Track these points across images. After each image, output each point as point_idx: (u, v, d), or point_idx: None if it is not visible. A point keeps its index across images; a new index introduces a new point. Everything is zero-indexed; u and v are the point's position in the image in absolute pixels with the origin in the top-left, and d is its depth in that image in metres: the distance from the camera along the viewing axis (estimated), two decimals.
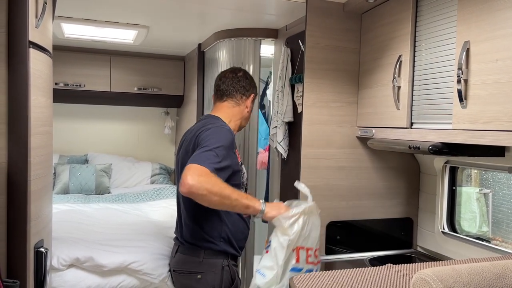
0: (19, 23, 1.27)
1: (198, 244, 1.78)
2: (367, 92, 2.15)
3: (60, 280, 2.04)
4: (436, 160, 2.18)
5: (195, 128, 1.85)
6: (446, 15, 1.67)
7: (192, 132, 1.84)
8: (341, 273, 1.34)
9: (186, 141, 1.85)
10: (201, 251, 1.76)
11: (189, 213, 1.80)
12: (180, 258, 1.83)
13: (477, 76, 1.46)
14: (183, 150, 1.85)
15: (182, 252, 1.83)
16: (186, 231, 1.81)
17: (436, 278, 0.86)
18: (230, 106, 1.95)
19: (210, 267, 1.75)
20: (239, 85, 1.95)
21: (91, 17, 2.74)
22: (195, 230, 1.78)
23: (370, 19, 2.14)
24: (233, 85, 1.94)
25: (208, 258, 1.76)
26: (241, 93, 1.96)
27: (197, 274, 1.76)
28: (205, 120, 1.89)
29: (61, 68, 3.68)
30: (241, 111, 1.96)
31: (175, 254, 1.87)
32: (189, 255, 1.79)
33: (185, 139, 1.88)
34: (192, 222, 1.79)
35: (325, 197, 2.21)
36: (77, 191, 3.75)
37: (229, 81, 1.95)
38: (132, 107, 4.37)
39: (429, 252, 2.30)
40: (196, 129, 1.83)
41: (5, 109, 1.28)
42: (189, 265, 1.79)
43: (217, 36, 3.04)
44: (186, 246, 1.82)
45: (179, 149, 1.92)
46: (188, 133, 1.90)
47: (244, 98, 1.97)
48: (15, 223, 1.30)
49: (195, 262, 1.77)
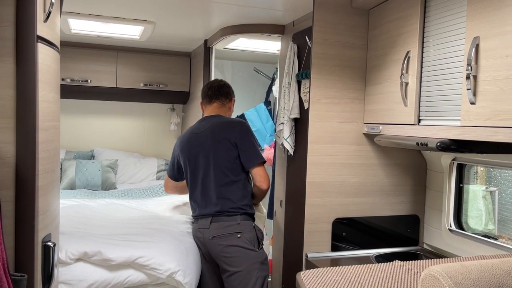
0: (27, 18, 1.27)
1: (235, 212, 2.29)
2: (374, 89, 2.14)
3: (68, 274, 2.04)
4: (443, 157, 2.17)
5: (217, 125, 2.38)
6: (455, 11, 1.66)
7: (213, 130, 2.36)
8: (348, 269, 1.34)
9: (211, 139, 2.34)
10: (237, 216, 2.29)
11: (227, 192, 2.31)
12: (219, 225, 2.28)
13: (487, 72, 1.45)
14: (212, 144, 2.33)
15: (219, 220, 2.29)
16: (222, 205, 2.30)
17: (446, 274, 0.86)
18: (218, 106, 2.50)
19: (245, 227, 2.28)
20: (223, 90, 2.51)
21: (98, 12, 2.74)
22: (233, 202, 2.30)
23: (377, 15, 2.12)
24: (218, 90, 2.50)
25: (243, 220, 2.29)
26: (225, 96, 2.51)
27: (237, 234, 2.26)
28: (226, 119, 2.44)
29: (68, 63, 3.69)
30: (225, 111, 2.52)
31: (210, 225, 2.30)
32: (228, 221, 2.27)
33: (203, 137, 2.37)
34: (229, 198, 2.30)
35: (331, 193, 2.21)
36: (83, 187, 3.77)
37: (215, 88, 2.51)
38: (138, 103, 4.38)
39: (435, 249, 2.29)
40: (222, 127, 2.37)
41: (13, 103, 1.28)
42: (230, 229, 2.27)
43: (223, 32, 3.04)
44: (224, 215, 2.29)
45: (192, 146, 2.39)
46: (202, 131, 2.39)
47: (227, 100, 2.52)
48: (23, 218, 1.31)
49: (233, 225, 2.27)
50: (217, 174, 2.31)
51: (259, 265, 2.25)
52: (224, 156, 2.31)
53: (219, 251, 2.26)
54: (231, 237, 2.25)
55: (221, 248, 2.26)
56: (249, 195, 2.36)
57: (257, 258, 2.25)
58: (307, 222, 2.19)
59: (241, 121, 2.42)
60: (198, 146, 2.37)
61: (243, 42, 3.27)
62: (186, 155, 2.42)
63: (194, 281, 2.23)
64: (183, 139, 2.47)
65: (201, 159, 2.35)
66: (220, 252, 2.26)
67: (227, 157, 2.31)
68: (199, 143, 2.37)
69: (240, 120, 2.45)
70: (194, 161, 2.38)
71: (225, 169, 2.30)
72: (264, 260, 2.30)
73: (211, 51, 3.50)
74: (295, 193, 2.53)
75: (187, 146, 2.42)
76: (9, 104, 1.28)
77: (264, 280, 2.27)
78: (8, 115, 1.28)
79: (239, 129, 2.34)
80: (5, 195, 1.26)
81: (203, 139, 2.36)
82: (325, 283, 1.24)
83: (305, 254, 2.19)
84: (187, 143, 2.43)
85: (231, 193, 2.30)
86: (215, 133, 2.34)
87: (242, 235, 2.25)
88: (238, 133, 2.32)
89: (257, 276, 2.23)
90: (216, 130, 2.35)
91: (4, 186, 1.27)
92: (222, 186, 2.30)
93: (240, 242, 2.24)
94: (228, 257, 2.24)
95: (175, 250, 2.22)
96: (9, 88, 1.27)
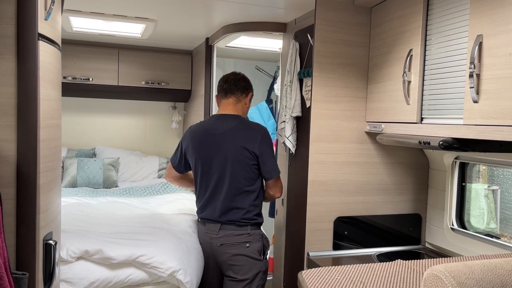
0: (28, 15, 1.26)
1: (247, 223, 2.28)
2: (377, 87, 2.13)
3: (69, 273, 2.04)
4: (446, 156, 2.16)
5: (238, 131, 2.28)
6: (458, 8, 1.65)
7: (233, 136, 2.27)
8: (350, 268, 1.33)
9: (231, 146, 2.26)
10: (248, 227, 2.27)
11: (240, 202, 2.27)
12: (228, 234, 2.27)
13: (490, 71, 1.44)
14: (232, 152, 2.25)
15: (229, 229, 2.28)
16: (234, 214, 2.27)
17: (449, 274, 0.85)
18: (233, 102, 2.37)
19: (254, 237, 2.28)
20: (239, 85, 2.37)
21: (99, 10, 2.74)
22: (245, 212, 2.27)
23: (380, 13, 2.12)
24: (234, 85, 2.36)
25: (253, 230, 2.29)
26: (241, 91, 2.37)
27: (246, 243, 2.26)
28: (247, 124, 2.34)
29: (69, 61, 3.69)
30: (242, 107, 2.39)
31: (219, 231, 2.29)
32: (238, 231, 2.27)
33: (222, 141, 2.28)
34: (242, 207, 2.27)
35: (333, 192, 2.20)
36: (85, 185, 3.77)
37: (231, 82, 2.37)
38: (140, 101, 4.38)
39: (437, 248, 2.29)
40: (243, 134, 2.27)
41: (15, 101, 1.27)
42: (239, 238, 2.26)
43: (225, 29, 3.03)
44: (235, 224, 2.27)
45: (206, 148, 2.30)
46: (219, 133, 2.29)
47: (243, 96, 2.39)
48: (24, 216, 1.30)
49: (244, 235, 2.26)
50: (232, 182, 2.25)
51: (262, 274, 2.30)
52: (243, 166, 2.25)
53: (226, 259, 2.27)
54: (240, 246, 2.26)
55: (229, 256, 2.26)
56: (261, 204, 2.35)
57: (262, 267, 2.29)
58: (309, 221, 2.18)
59: (262, 129, 2.31)
60: (214, 150, 2.28)
61: (245, 40, 3.26)
62: (198, 155, 2.32)
63: (195, 281, 2.22)
64: (195, 135, 2.35)
65: (216, 164, 2.28)
66: (227, 260, 2.27)
67: (246, 167, 2.25)
68: (216, 147, 2.28)
69: (261, 127, 2.33)
70: (208, 164, 2.30)
71: (242, 179, 2.25)
72: (266, 269, 2.34)
73: (212, 49, 3.50)
74: (296, 192, 2.52)
75: (201, 146, 2.32)
76: (10, 102, 1.27)
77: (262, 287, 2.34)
78: (9, 113, 1.27)
79: (260, 139, 2.26)
80: (6, 193, 1.26)
81: (221, 144, 2.27)
82: (327, 282, 1.23)
83: (306, 252, 2.19)
84: (200, 142, 2.32)
85: (244, 203, 2.27)
86: (235, 140, 2.25)
87: (250, 245, 2.26)
88: (259, 143, 2.25)
89: (258, 284, 2.28)
90: (236, 136, 2.26)
91: (5, 184, 1.27)
92: (235, 195, 2.26)
93: (248, 252, 2.25)
94: (234, 265, 2.26)
95: (176, 249, 2.22)
96: (10, 86, 1.27)
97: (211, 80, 3.53)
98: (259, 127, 2.33)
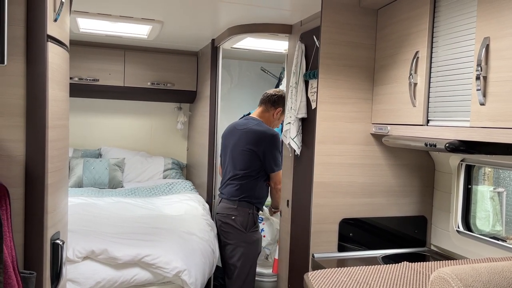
0: (38, 17, 1.28)
1: (235, 199, 2.90)
2: (383, 89, 2.13)
3: (75, 272, 2.06)
4: (451, 158, 2.16)
5: (251, 133, 2.93)
6: (465, 11, 1.65)
7: (246, 134, 2.93)
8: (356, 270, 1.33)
9: (243, 140, 2.92)
10: (236, 202, 2.89)
11: (238, 184, 2.90)
12: (222, 206, 2.94)
13: (497, 73, 1.44)
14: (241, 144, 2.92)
15: (224, 202, 2.94)
16: (230, 191, 2.92)
17: (456, 276, 0.85)
18: (262, 110, 3.07)
19: (241, 212, 2.87)
20: (271, 99, 3.05)
21: (106, 12, 2.75)
22: (238, 192, 2.90)
23: (386, 15, 2.11)
24: (268, 98, 3.06)
25: (241, 207, 2.88)
26: (271, 104, 3.04)
27: (232, 216, 2.88)
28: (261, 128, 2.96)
29: (76, 62, 3.71)
30: (269, 117, 3.05)
31: (219, 203, 2.99)
32: (229, 204, 2.91)
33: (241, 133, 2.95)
34: (238, 188, 2.90)
35: (338, 194, 2.20)
36: (91, 185, 3.79)
37: (266, 95, 3.09)
38: (145, 102, 4.39)
39: (443, 251, 2.28)
40: (253, 136, 2.92)
41: (23, 102, 1.29)
42: (228, 210, 2.91)
43: (230, 31, 3.04)
44: (227, 199, 2.92)
45: (229, 137, 3.01)
46: (241, 129, 2.98)
47: (272, 108, 3.04)
48: (32, 215, 1.31)
49: (231, 208, 2.89)
50: (235, 166, 2.91)
51: (245, 244, 2.87)
52: (245, 158, 2.89)
53: (219, 225, 2.97)
54: (228, 217, 2.90)
55: (220, 223, 2.96)
56: (257, 190, 2.91)
57: (245, 238, 2.87)
58: (314, 222, 2.18)
59: (270, 136, 2.90)
60: (232, 140, 2.97)
61: (250, 42, 3.27)
62: (223, 142, 3.07)
63: (200, 281, 2.23)
64: (227, 128, 3.10)
65: (229, 150, 2.97)
66: (219, 226, 2.97)
67: (248, 159, 2.89)
68: (235, 138, 2.96)
69: (271, 134, 2.90)
70: (226, 150, 3.00)
71: (243, 167, 2.89)
72: (253, 242, 2.89)
73: (218, 51, 3.50)
74: (301, 193, 2.52)
75: (227, 135, 3.05)
76: (19, 103, 1.28)
77: (247, 257, 2.88)
78: (18, 114, 1.28)
79: (265, 145, 2.87)
80: (15, 193, 1.27)
81: (237, 136, 2.95)
82: (333, 284, 1.23)
83: (311, 254, 2.19)
84: (228, 132, 3.06)
85: (242, 185, 2.89)
86: (248, 137, 2.91)
87: (236, 218, 2.87)
88: (263, 148, 2.86)
89: (242, 252, 2.86)
90: (249, 135, 2.91)
91: (14, 184, 1.28)
92: (236, 177, 2.90)
93: (233, 222, 2.88)
94: (224, 231, 2.94)
95: (181, 249, 2.23)
96: (20, 87, 1.28)
97: (217, 81, 3.54)
98: (269, 135, 2.92)
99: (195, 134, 4.23)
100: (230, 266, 2.93)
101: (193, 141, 4.33)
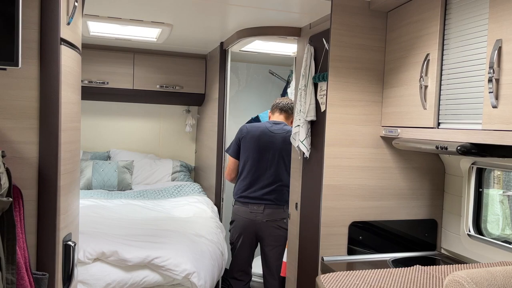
0: (51, 20, 1.29)
1: (283, 202, 3.08)
2: (393, 91, 2.12)
3: (86, 274, 2.07)
4: (462, 161, 2.14)
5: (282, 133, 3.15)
6: (477, 13, 1.64)
7: (284, 138, 3.12)
8: (369, 273, 1.33)
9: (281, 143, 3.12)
10: (284, 206, 3.08)
11: (284, 187, 3.09)
12: (271, 212, 3.09)
13: (509, 76, 1.43)
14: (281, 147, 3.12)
15: (271, 208, 3.10)
16: (278, 195, 3.10)
17: (471, 280, 0.84)
18: (284, 118, 3.23)
19: (287, 213, 2.91)
20: (291, 107, 3.20)
21: (116, 15, 2.77)
22: (284, 194, 3.09)
23: (396, 17, 2.11)
24: (288, 106, 3.23)
25: (287, 208, 2.98)
26: (291, 112, 3.18)
27: (284, 219, 3.05)
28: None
29: (86, 65, 3.73)
30: (289, 123, 3.21)
31: (264, 210, 3.10)
32: (277, 209, 3.10)
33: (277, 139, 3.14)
34: (284, 190, 3.10)
35: (347, 197, 2.19)
36: (100, 187, 3.81)
37: (285, 104, 3.24)
38: (154, 105, 4.41)
39: (453, 254, 2.26)
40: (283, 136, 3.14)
41: (37, 104, 1.30)
42: (277, 215, 3.09)
43: (239, 34, 3.05)
44: (275, 204, 3.10)
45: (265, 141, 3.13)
46: (276, 133, 3.14)
47: (291, 116, 3.15)
48: (45, 217, 1.33)
49: (282, 212, 3.07)
50: (281, 171, 3.10)
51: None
52: (286, 159, 3.06)
53: (269, 232, 3.10)
54: (281, 221, 3.09)
55: (272, 230, 3.09)
56: None
57: None
58: (323, 225, 2.18)
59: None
60: (270, 143, 3.11)
61: (259, 45, 3.27)
62: (250, 145, 3.11)
63: (209, 284, 2.23)
64: (254, 130, 3.15)
65: (270, 155, 3.11)
66: (271, 232, 3.09)
67: (287, 161, 3.02)
68: (278, 141, 3.12)
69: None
70: (261, 154, 3.12)
71: (287, 168, 2.99)
72: None
73: (227, 54, 3.51)
74: (311, 196, 2.52)
75: (259, 139, 3.13)
76: (33, 105, 1.30)
77: None
78: (32, 116, 1.30)
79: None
80: (28, 195, 1.28)
81: (280, 140, 3.12)
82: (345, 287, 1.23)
83: (321, 257, 2.18)
84: (259, 136, 3.12)
85: (288, 190, 2.96)
86: (285, 141, 3.09)
87: (286, 220, 2.96)
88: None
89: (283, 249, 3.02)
90: (286, 139, 3.08)
91: (27, 185, 1.29)
92: (284, 184, 3.08)
93: (285, 225, 3.03)
94: (275, 236, 3.09)
95: (191, 252, 2.23)
96: (33, 90, 1.29)
97: (225, 84, 3.55)
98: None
99: (204, 137, 4.24)
100: (277, 267, 3.10)
101: (202, 143, 4.34)
